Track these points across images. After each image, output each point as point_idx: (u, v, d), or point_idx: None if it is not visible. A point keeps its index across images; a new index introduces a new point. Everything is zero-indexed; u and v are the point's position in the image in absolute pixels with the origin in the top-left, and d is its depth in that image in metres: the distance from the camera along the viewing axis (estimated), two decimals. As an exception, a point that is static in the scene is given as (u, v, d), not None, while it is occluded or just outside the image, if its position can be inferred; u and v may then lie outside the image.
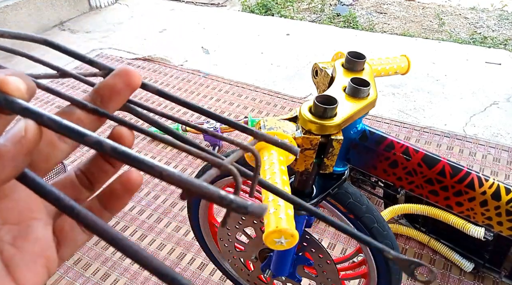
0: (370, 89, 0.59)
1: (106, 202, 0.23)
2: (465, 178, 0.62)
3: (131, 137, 0.23)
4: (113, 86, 0.22)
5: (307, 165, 0.59)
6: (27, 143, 0.17)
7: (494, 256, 1.16)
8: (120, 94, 0.22)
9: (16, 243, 0.20)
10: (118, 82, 0.22)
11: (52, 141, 0.21)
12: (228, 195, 0.16)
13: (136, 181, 0.22)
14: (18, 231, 0.20)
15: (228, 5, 3.24)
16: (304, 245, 0.86)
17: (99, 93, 0.22)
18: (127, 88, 0.22)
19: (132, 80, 0.22)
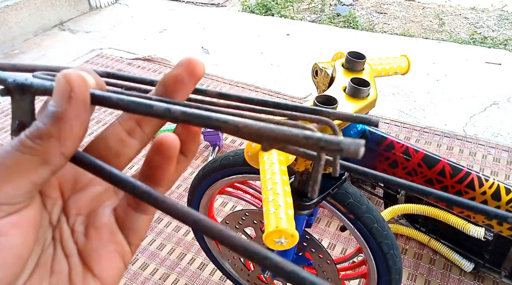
0: (370, 89, 0.59)
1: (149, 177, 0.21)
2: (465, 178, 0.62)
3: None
4: (177, 76, 0.21)
5: (307, 165, 0.59)
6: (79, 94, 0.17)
7: (494, 256, 1.16)
8: (184, 83, 0.21)
9: (87, 233, 0.20)
10: (182, 72, 0.21)
11: (121, 138, 0.21)
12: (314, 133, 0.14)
13: (171, 144, 0.20)
14: (88, 220, 0.20)
15: (228, 5, 3.24)
16: (304, 245, 0.86)
17: (164, 85, 0.22)
18: (191, 78, 0.21)
19: (196, 69, 0.21)
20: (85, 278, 0.19)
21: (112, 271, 0.20)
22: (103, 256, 0.20)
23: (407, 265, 1.28)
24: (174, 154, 0.20)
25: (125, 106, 0.18)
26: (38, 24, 2.86)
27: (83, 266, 0.19)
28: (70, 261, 0.19)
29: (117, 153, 0.21)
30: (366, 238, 0.77)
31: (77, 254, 0.19)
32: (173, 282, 1.28)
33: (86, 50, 2.59)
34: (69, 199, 0.20)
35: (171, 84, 0.21)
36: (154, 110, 0.17)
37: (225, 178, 0.89)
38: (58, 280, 0.18)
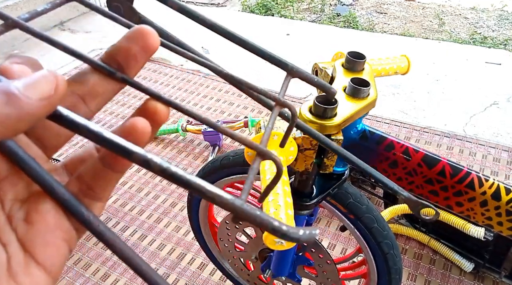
0: (370, 89, 0.59)
1: (110, 161, 0.19)
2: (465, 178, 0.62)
3: (166, 113, 0.20)
4: (128, 51, 0.19)
5: (307, 165, 0.59)
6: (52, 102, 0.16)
7: (494, 256, 1.16)
8: (137, 59, 0.19)
9: (28, 218, 0.18)
10: (133, 46, 0.19)
11: None
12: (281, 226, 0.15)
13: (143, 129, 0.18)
14: (29, 205, 0.18)
15: (228, 5, 3.24)
16: (304, 245, 0.86)
17: (113, 58, 0.19)
18: (145, 53, 0.19)
19: (149, 42, 0.19)
20: (27, 267, 0.17)
21: (58, 259, 0.18)
22: (49, 243, 0.18)
23: (407, 265, 1.28)
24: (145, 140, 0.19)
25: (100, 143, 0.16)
26: (38, 24, 2.86)
27: (24, 254, 0.18)
28: (9, 249, 0.17)
29: (57, 132, 0.19)
30: (366, 238, 0.77)
31: (16, 241, 0.17)
32: (173, 282, 1.28)
33: (86, 50, 2.59)
34: (5, 181, 0.18)
35: (121, 60, 0.19)
36: (132, 157, 0.16)
37: (225, 178, 0.89)
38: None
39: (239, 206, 0.15)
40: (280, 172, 0.19)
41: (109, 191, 0.20)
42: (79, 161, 0.21)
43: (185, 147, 1.79)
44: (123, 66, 0.19)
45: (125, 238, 1.42)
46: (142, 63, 0.20)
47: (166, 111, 0.20)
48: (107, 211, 1.52)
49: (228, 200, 0.15)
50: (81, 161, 0.21)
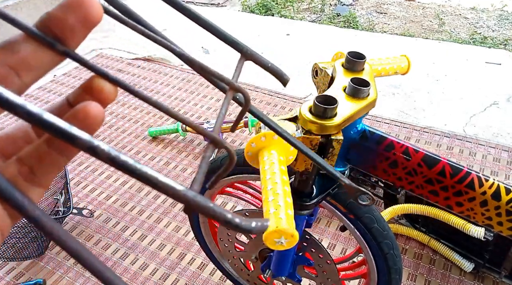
0: (370, 89, 0.59)
1: (57, 143, 0.17)
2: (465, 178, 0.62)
3: (114, 93, 0.18)
4: (64, 21, 0.16)
5: (307, 165, 0.59)
6: None
7: (494, 256, 1.16)
8: (74, 31, 0.17)
9: None
10: (70, 16, 0.16)
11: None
12: (234, 218, 0.15)
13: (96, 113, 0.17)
14: None
15: (228, 5, 3.24)
16: (304, 245, 0.86)
17: (48, 28, 0.17)
18: (83, 24, 0.17)
19: (88, 13, 0.16)
20: None
21: None
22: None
23: (407, 265, 1.28)
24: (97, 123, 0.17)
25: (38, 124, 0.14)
26: (38, 24, 2.86)
27: None
28: None
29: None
30: (366, 238, 0.77)
31: None
32: (173, 282, 1.28)
33: (86, 50, 2.59)
34: None
35: (57, 32, 0.17)
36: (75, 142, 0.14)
37: (225, 178, 0.89)
38: None
39: (192, 198, 0.15)
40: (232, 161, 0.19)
41: (52, 177, 0.18)
42: (10, 140, 0.19)
43: (185, 147, 1.79)
44: (60, 38, 0.17)
45: (125, 238, 1.42)
46: (81, 35, 0.17)
47: (114, 91, 0.19)
48: (107, 211, 1.52)
49: (180, 192, 0.15)
50: (13, 140, 0.19)
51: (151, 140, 1.84)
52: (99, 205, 1.55)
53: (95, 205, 1.54)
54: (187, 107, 2.04)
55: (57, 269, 1.33)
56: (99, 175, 1.68)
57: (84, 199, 1.57)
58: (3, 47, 0.17)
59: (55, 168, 0.18)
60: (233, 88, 0.21)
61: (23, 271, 1.33)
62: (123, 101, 2.10)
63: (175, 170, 1.68)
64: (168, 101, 2.10)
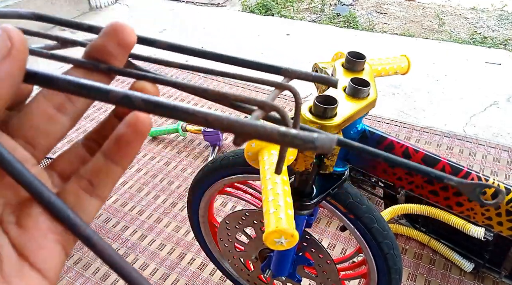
0: (370, 89, 0.59)
1: (113, 155, 0.19)
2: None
3: (156, 91, 0.20)
4: (104, 48, 0.19)
5: (307, 165, 0.59)
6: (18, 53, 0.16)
7: (494, 256, 1.16)
8: (114, 56, 0.19)
9: (20, 222, 0.18)
10: (108, 43, 0.19)
11: (50, 115, 0.19)
12: (290, 130, 0.14)
13: (145, 120, 0.18)
14: (20, 209, 0.18)
15: (228, 5, 3.24)
16: (304, 245, 0.86)
17: (91, 57, 0.19)
18: (121, 49, 0.19)
19: (125, 37, 0.19)
20: (21, 270, 0.17)
21: (53, 262, 0.18)
22: (44, 247, 0.18)
23: (407, 265, 1.28)
24: (147, 131, 0.19)
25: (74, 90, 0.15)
26: (37, 24, 2.86)
27: (19, 257, 0.17)
28: (1, 252, 0.17)
29: (46, 132, 0.19)
30: (366, 238, 0.77)
31: (9, 245, 0.17)
32: (173, 282, 1.28)
33: (86, 50, 2.59)
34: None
35: (100, 58, 0.19)
36: (110, 96, 0.15)
37: (225, 178, 0.89)
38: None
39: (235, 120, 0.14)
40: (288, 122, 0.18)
41: (110, 188, 0.20)
42: (66, 162, 0.21)
43: (185, 147, 1.79)
44: (104, 63, 0.19)
45: (125, 238, 1.42)
46: (121, 59, 0.19)
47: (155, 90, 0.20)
48: (107, 211, 1.52)
49: (223, 118, 0.14)
50: (69, 161, 0.21)
51: (151, 140, 1.84)
52: None
53: (95, 205, 1.54)
54: (187, 107, 2.04)
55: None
56: (99, 175, 1.68)
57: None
58: None
59: (112, 179, 0.19)
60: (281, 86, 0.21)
61: (23, 271, 1.33)
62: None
63: (175, 170, 1.68)
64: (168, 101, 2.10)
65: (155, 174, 1.67)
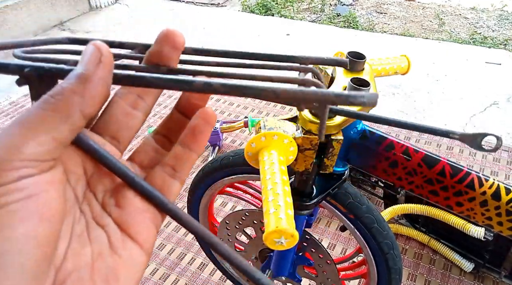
0: (370, 89, 0.59)
1: (189, 143, 0.23)
2: (465, 178, 0.62)
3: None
4: (160, 53, 0.22)
5: (307, 165, 0.59)
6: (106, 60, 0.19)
7: (494, 256, 1.16)
8: (170, 58, 0.23)
9: (119, 203, 0.21)
10: (164, 47, 0.22)
11: (128, 112, 0.23)
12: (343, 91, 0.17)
13: (212, 113, 0.23)
14: (117, 193, 0.22)
15: (228, 5, 3.24)
16: (304, 245, 0.86)
17: (151, 62, 0.23)
18: (174, 50, 0.23)
19: (176, 41, 0.23)
20: (124, 243, 0.21)
21: (149, 235, 0.22)
22: (140, 222, 0.21)
23: (407, 265, 1.28)
24: (214, 120, 0.23)
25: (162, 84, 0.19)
26: (37, 24, 2.86)
27: (121, 233, 0.21)
28: (107, 229, 0.21)
29: (127, 125, 0.23)
30: (366, 238, 0.77)
31: (113, 223, 0.21)
32: (173, 282, 1.28)
33: (86, 50, 2.59)
34: (93, 176, 0.22)
35: (158, 61, 0.23)
36: (194, 85, 0.18)
37: (225, 178, 0.89)
38: (100, 246, 0.20)
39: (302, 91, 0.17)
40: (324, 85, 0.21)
41: (188, 171, 0.24)
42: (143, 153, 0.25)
43: (185, 147, 1.79)
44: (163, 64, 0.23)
45: (125, 238, 1.42)
46: (175, 59, 0.23)
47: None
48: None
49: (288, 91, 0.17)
50: (145, 152, 0.25)
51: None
52: None
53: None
54: (187, 107, 2.04)
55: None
56: (99, 175, 1.68)
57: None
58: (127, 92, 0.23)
59: (190, 163, 0.24)
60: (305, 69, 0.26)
61: (23, 271, 1.33)
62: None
63: (175, 170, 1.68)
64: (168, 101, 2.10)
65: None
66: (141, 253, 0.21)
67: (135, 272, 0.21)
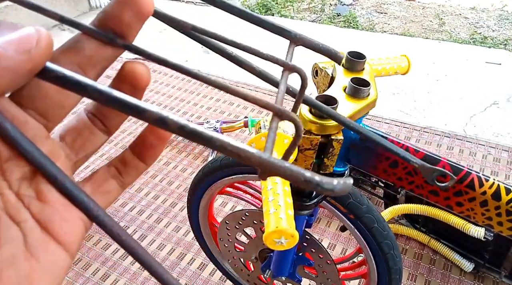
0: (370, 89, 0.59)
1: (139, 153, 0.21)
2: (465, 178, 0.62)
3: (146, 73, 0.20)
4: (121, 18, 0.18)
5: (307, 165, 0.59)
6: (36, 57, 0.15)
7: (494, 256, 1.16)
8: (131, 27, 0.18)
9: (41, 196, 0.18)
10: (126, 12, 0.18)
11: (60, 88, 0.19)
12: (314, 177, 0.15)
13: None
14: (38, 183, 0.18)
15: (228, 5, 3.24)
16: (304, 245, 0.86)
17: (105, 25, 0.18)
18: (137, 19, 0.18)
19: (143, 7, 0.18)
20: (45, 244, 0.17)
21: (75, 236, 0.18)
22: (67, 220, 0.18)
23: (407, 265, 1.28)
24: (168, 137, 0.21)
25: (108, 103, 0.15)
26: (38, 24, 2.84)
27: (42, 231, 0.17)
28: (24, 227, 0.17)
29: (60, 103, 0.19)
30: (366, 238, 0.77)
31: (32, 219, 0.17)
32: (173, 282, 1.28)
33: (86, 50, 2.59)
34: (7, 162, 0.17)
35: (115, 28, 0.18)
36: (145, 116, 0.15)
37: (225, 178, 0.89)
38: (13, 247, 0.16)
39: (266, 159, 0.15)
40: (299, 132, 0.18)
41: (133, 178, 0.22)
42: (76, 133, 0.21)
43: (185, 147, 1.79)
44: (118, 33, 0.18)
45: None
46: (137, 29, 0.19)
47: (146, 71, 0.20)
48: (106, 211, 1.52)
49: (253, 154, 0.15)
50: (79, 132, 0.21)
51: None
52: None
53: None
54: (187, 107, 2.04)
55: None
56: (99, 175, 1.68)
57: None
58: (69, 47, 0.18)
59: (137, 172, 0.22)
60: (288, 68, 0.22)
61: (23, 271, 1.33)
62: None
63: (175, 170, 1.68)
64: (168, 101, 2.10)
65: (155, 174, 1.66)
66: (65, 256, 0.18)
67: (55, 278, 0.17)
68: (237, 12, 0.23)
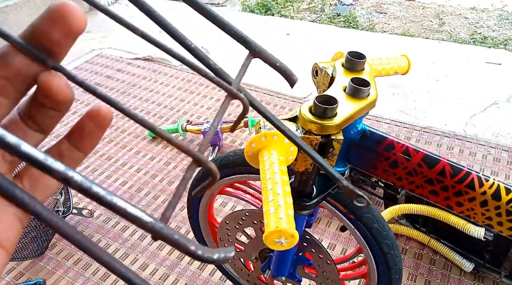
0: (370, 89, 0.59)
1: (77, 141, 0.20)
2: (465, 178, 0.62)
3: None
4: (49, 36, 0.16)
5: (307, 165, 0.59)
6: None
7: (494, 256, 1.16)
8: (60, 45, 0.17)
9: None
10: (55, 31, 0.16)
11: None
12: (197, 251, 0.16)
13: (106, 115, 0.19)
14: None
15: (228, 5, 3.24)
16: (304, 245, 0.86)
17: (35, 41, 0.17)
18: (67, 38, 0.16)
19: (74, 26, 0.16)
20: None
21: (11, 233, 0.18)
22: (2, 219, 0.17)
23: (407, 265, 1.28)
24: (108, 124, 0.20)
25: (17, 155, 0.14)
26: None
27: None
28: None
29: None
30: (366, 238, 0.77)
31: None
32: (173, 282, 1.28)
33: (86, 50, 2.59)
34: None
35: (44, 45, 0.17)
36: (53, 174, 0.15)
37: (225, 178, 0.89)
38: None
39: (158, 229, 0.16)
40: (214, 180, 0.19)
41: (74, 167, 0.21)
42: None
43: (185, 147, 1.79)
44: (46, 51, 0.17)
45: (125, 238, 1.42)
46: (68, 47, 0.17)
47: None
48: (107, 211, 1.52)
49: (147, 223, 0.16)
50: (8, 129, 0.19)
51: (151, 140, 1.84)
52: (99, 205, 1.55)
53: (95, 205, 1.54)
54: (187, 107, 2.04)
55: (57, 269, 1.33)
56: (99, 175, 1.68)
57: (84, 199, 1.57)
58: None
59: (74, 162, 0.21)
60: (231, 94, 0.21)
61: (23, 271, 1.33)
62: (122, 101, 2.10)
63: (175, 170, 1.68)
64: (168, 101, 2.10)
65: (155, 174, 1.66)
66: (1, 252, 0.17)
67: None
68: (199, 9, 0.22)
